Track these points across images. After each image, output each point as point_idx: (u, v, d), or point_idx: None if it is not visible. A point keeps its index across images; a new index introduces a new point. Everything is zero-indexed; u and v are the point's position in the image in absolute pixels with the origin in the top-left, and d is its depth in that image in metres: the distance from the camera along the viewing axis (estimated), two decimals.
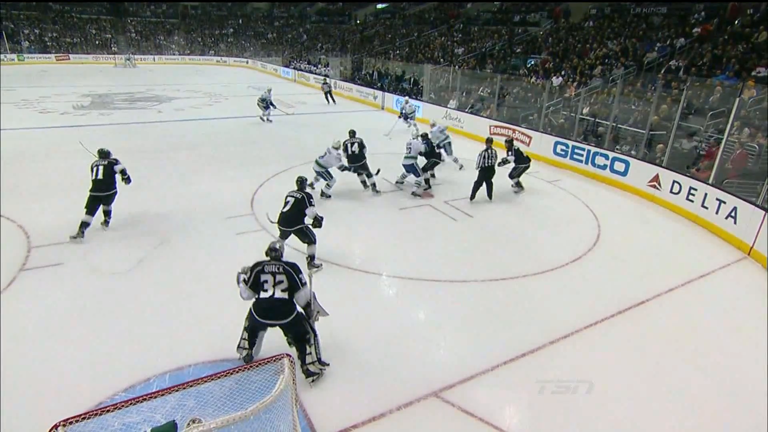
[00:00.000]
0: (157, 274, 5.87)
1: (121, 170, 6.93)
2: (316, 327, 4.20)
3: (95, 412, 2.28)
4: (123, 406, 2.35)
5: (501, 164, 8.99)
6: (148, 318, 4.93)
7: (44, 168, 9.82)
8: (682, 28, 16.72)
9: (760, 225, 6.82)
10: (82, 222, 6.62)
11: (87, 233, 6.61)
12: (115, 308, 5.07)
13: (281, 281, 3.94)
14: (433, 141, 10.46)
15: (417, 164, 8.96)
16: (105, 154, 6.97)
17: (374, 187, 9.03)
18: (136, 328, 4.76)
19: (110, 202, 6.95)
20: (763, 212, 6.82)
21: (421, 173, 9.04)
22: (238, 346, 4.19)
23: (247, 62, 40.58)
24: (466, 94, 17.01)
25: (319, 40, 39.94)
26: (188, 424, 2.32)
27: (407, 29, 32.62)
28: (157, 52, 41.26)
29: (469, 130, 14.49)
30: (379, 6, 41.07)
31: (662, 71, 14.52)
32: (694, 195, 8.29)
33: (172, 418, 2.42)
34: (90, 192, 6.67)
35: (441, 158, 9.75)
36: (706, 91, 11.31)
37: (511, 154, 9.14)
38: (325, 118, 17.66)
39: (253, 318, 4.03)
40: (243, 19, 51.09)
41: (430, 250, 6.91)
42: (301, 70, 30.02)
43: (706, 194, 8.02)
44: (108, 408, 2.31)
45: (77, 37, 39.94)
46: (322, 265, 6.06)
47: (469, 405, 3.92)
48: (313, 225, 5.93)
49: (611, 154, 10.32)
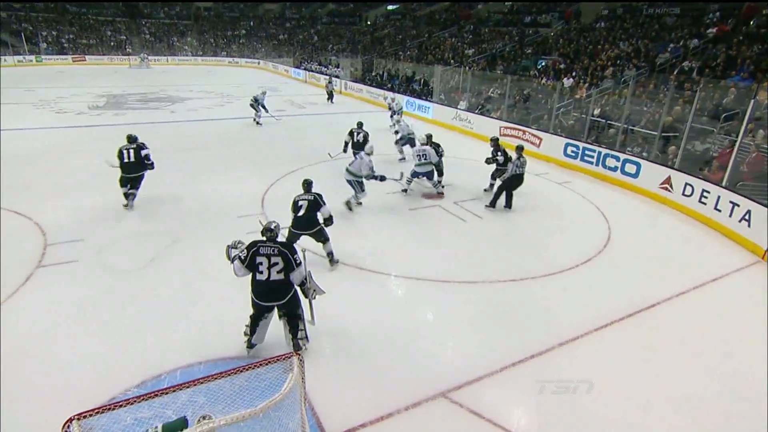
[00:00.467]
0: (169, 272, 5.95)
1: (146, 155, 7.63)
2: (313, 304, 4.56)
3: (108, 407, 2.32)
4: (135, 401, 2.38)
5: (490, 162, 8.89)
6: (159, 315, 5.01)
7: (60, 167, 10.01)
8: (696, 29, 16.52)
9: None
10: (124, 194, 7.63)
11: (102, 230, 6.89)
12: (128, 305, 5.16)
13: (276, 263, 4.14)
14: (402, 133, 11.15)
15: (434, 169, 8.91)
16: (133, 139, 7.71)
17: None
18: (147, 325, 4.84)
19: (138, 185, 7.75)
20: None
21: (437, 175, 9.07)
22: (244, 333, 4.40)
23: (259, 63, 40.88)
24: (476, 95, 16.95)
25: (330, 41, 40.09)
26: (198, 420, 2.34)
27: (418, 30, 32.61)
28: (170, 53, 41.85)
29: (479, 131, 14.45)
30: (390, 7, 41.10)
31: (675, 72, 14.36)
32: (707, 197, 8.19)
33: (183, 414, 2.44)
34: (122, 174, 7.54)
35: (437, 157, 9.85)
36: (720, 93, 11.16)
37: (500, 155, 8.79)
38: (335, 119, 17.67)
39: (254, 303, 4.25)
40: (255, 20, 51.51)
41: (440, 250, 6.91)
42: (312, 71, 30.15)
43: (719, 197, 7.91)
44: (120, 403, 2.34)
45: (93, 38, 40.64)
46: (339, 261, 6.20)
47: (478, 406, 3.92)
48: (324, 224, 5.99)
49: (622, 156, 10.23)
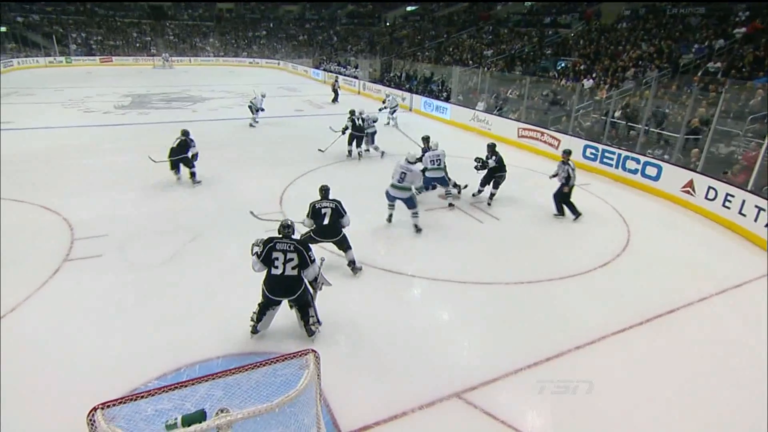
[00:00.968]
0: (190, 268, 6.08)
1: (194, 154, 8.92)
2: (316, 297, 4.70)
3: (131, 398, 2.40)
4: (156, 393, 2.45)
5: (479, 167, 8.53)
6: (180, 310, 5.13)
7: (87, 164, 10.32)
8: (721, 29, 16.10)
9: None
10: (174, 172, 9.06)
11: (125, 226, 7.12)
12: (149, 300, 5.30)
13: (291, 259, 4.28)
14: (367, 128, 11.55)
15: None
16: (185, 133, 8.94)
17: (361, 155, 11.30)
18: (167, 319, 4.96)
19: (191, 164, 8.94)
20: None
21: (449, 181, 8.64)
22: (250, 318, 4.57)
23: (279, 64, 41.24)
24: (494, 97, 16.84)
25: (349, 41, 40.27)
26: (216, 413, 2.38)
27: (437, 31, 32.53)
28: (192, 54, 42.51)
29: (497, 132, 14.36)
30: (409, 8, 41.09)
31: (699, 73, 14.03)
32: (730, 201, 7.99)
33: (202, 407, 2.48)
34: (168, 158, 8.89)
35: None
36: (746, 94, 10.88)
37: (494, 160, 8.44)
38: None
39: (264, 294, 4.38)
40: (275, 21, 52.00)
41: (456, 251, 6.90)
42: (331, 71, 30.31)
43: (743, 201, 7.72)
44: (142, 394, 2.42)
45: (120, 40, 41.58)
46: (362, 267, 6.09)
47: (492, 407, 3.92)
48: None
49: (642, 159, 10.04)
